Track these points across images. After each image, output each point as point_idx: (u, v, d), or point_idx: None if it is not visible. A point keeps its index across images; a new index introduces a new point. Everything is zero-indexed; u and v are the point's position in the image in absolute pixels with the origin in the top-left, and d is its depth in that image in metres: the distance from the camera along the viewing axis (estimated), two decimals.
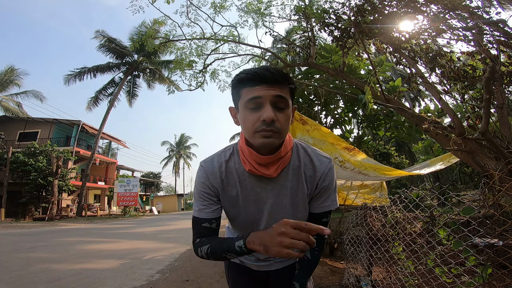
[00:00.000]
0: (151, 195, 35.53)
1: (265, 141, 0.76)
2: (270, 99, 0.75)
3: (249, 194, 0.89)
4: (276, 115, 0.75)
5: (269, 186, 0.88)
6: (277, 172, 0.84)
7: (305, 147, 0.93)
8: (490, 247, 1.84)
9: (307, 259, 0.93)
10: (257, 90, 0.76)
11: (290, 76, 0.82)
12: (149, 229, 11.47)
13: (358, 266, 3.06)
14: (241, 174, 0.88)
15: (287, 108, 0.79)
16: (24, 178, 17.01)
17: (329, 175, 0.90)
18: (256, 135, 0.77)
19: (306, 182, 0.89)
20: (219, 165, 0.89)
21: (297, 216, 0.92)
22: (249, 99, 0.76)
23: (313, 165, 0.89)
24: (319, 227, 0.65)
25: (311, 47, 4.32)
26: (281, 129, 0.77)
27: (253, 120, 0.77)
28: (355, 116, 6.02)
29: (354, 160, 3.15)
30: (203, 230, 0.90)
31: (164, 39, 5.22)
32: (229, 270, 1.09)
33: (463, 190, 12.02)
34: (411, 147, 18.70)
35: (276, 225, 0.68)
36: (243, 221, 0.94)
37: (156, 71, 23.83)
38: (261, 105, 0.76)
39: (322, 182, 0.89)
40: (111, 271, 4.06)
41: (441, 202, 1.92)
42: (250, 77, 0.77)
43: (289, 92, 0.80)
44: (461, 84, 2.88)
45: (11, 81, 21.69)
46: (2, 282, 3.43)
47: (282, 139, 0.80)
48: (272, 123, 0.75)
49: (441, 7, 2.90)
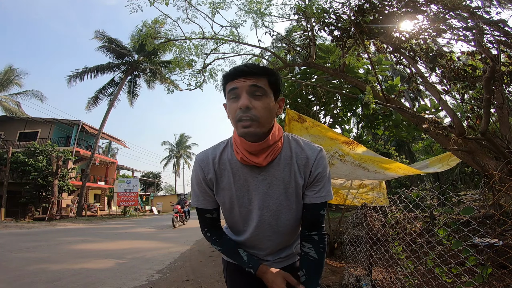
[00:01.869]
0: (151, 195, 35.53)
1: (245, 131, 0.82)
2: (246, 89, 0.83)
3: (242, 184, 0.92)
4: (252, 103, 0.82)
5: (260, 176, 0.91)
6: (267, 160, 0.88)
7: (296, 139, 0.96)
8: (490, 247, 1.84)
9: (313, 259, 0.92)
10: (235, 82, 0.84)
11: (269, 69, 0.89)
12: (149, 229, 11.48)
13: (358, 266, 3.06)
14: (234, 165, 0.92)
15: (265, 96, 0.84)
16: (24, 178, 17.01)
17: (321, 162, 0.91)
18: (238, 125, 0.84)
19: (299, 171, 0.91)
20: (213, 157, 0.94)
21: (291, 207, 0.94)
22: (229, 90, 0.85)
23: (305, 154, 0.91)
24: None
25: (311, 47, 4.32)
26: (258, 116, 0.82)
27: (234, 109, 0.84)
28: (354, 115, 6.01)
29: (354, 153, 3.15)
30: (208, 221, 0.99)
31: (164, 38, 5.22)
32: (227, 270, 1.09)
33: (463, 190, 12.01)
34: (411, 147, 18.68)
35: (284, 274, 0.92)
36: (237, 215, 0.96)
37: (157, 71, 23.83)
38: (239, 95, 0.84)
39: (316, 170, 0.91)
40: (111, 271, 4.06)
41: (441, 202, 1.92)
42: (230, 73, 0.86)
43: (267, 82, 0.86)
44: (461, 84, 2.88)
45: (10, 81, 21.69)
46: (2, 282, 3.43)
47: (262, 128, 0.84)
48: (248, 110, 0.81)
49: (441, 7, 2.89)
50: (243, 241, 1.00)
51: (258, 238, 0.97)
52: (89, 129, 23.01)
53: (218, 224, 1.02)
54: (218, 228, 1.02)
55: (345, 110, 5.83)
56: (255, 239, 0.97)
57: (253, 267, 0.92)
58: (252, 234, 0.96)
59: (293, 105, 5.67)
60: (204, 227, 1.01)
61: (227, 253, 1.00)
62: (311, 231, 0.95)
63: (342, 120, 5.96)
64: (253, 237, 0.97)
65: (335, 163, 3.29)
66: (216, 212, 0.99)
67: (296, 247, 1.06)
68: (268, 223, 0.94)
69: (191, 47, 5.00)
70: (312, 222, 0.95)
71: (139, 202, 25.84)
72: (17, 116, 21.41)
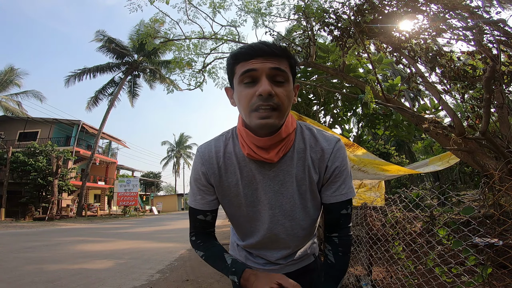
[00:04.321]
0: (151, 195, 35.55)
1: (263, 122, 0.69)
2: (267, 72, 0.69)
3: (250, 182, 0.80)
4: (274, 89, 0.68)
5: (271, 173, 0.79)
6: (278, 156, 0.76)
7: (310, 127, 0.84)
8: (490, 246, 1.83)
9: (330, 263, 0.81)
10: (252, 63, 0.69)
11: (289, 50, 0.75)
12: (149, 229, 11.48)
13: (358, 266, 3.06)
14: (241, 159, 0.80)
15: (287, 83, 0.72)
16: (24, 178, 17.04)
17: (339, 155, 0.79)
18: (252, 115, 0.70)
19: (313, 166, 0.79)
20: (216, 150, 0.82)
21: (306, 207, 0.83)
22: (243, 71, 0.70)
23: (320, 146, 0.79)
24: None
25: (311, 47, 4.31)
26: (280, 105, 0.69)
27: (249, 96, 0.69)
28: (355, 115, 6.01)
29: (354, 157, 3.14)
30: (197, 224, 0.85)
31: (164, 38, 5.22)
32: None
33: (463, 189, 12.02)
34: (411, 147, 18.71)
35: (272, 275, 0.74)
36: (244, 216, 0.85)
37: (156, 71, 23.84)
38: (257, 79, 0.69)
39: (332, 164, 0.78)
40: (111, 271, 4.06)
41: (441, 201, 1.92)
42: (244, 51, 0.70)
43: (288, 66, 0.73)
44: (461, 84, 2.88)
45: (11, 81, 21.69)
46: (2, 282, 3.43)
47: (282, 119, 0.72)
48: (270, 98, 0.68)
49: (441, 6, 2.89)
50: (252, 244, 0.89)
51: (270, 241, 0.86)
52: (89, 129, 23.02)
53: (211, 231, 0.89)
54: (209, 234, 0.88)
55: (345, 110, 5.83)
56: (267, 241, 0.86)
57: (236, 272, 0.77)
58: (263, 237, 0.85)
59: (293, 105, 5.65)
60: (192, 231, 0.87)
61: (210, 258, 0.84)
62: (331, 233, 0.84)
63: (342, 120, 5.95)
64: (265, 239, 0.86)
65: None
66: (211, 215, 0.85)
67: (311, 248, 0.96)
68: (281, 224, 0.83)
69: (191, 46, 5.01)
70: (332, 223, 0.83)
71: (139, 202, 25.86)
72: (17, 116, 21.41)
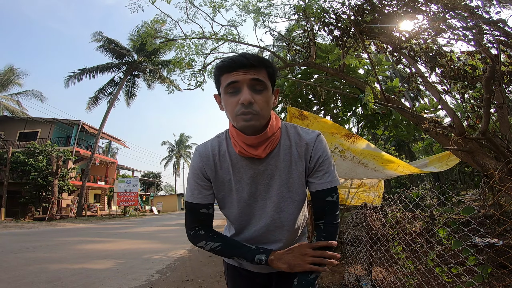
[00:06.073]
0: (151, 194, 35.53)
1: (246, 124, 0.80)
2: (247, 83, 0.80)
3: (242, 177, 0.90)
4: (254, 97, 0.80)
5: (261, 168, 0.89)
6: (266, 152, 0.86)
7: (294, 126, 0.94)
8: (490, 246, 1.84)
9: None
10: (235, 75, 0.80)
11: (267, 60, 0.86)
12: (149, 229, 11.48)
13: (358, 266, 3.06)
14: (234, 157, 0.90)
15: (266, 90, 0.83)
16: (24, 178, 17.04)
17: (321, 146, 0.90)
18: (237, 118, 0.81)
19: (300, 158, 0.89)
20: (212, 148, 0.92)
21: (294, 200, 0.91)
22: (227, 83, 0.81)
23: (304, 141, 0.90)
24: (326, 242, 0.87)
25: (311, 47, 4.31)
26: (259, 111, 0.80)
27: (233, 104, 0.81)
28: (354, 115, 6.01)
29: (354, 148, 3.14)
30: (202, 217, 0.92)
31: (164, 38, 5.22)
32: (228, 272, 1.06)
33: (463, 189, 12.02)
34: (411, 147, 18.70)
35: (296, 247, 0.86)
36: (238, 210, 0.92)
37: (156, 71, 23.84)
38: (239, 89, 0.80)
39: (315, 153, 0.89)
40: (111, 271, 4.06)
41: (441, 201, 1.92)
42: (227, 64, 0.81)
43: (266, 75, 0.84)
44: (461, 84, 2.88)
45: (11, 81, 21.70)
46: (2, 282, 3.43)
47: (262, 121, 0.83)
48: (250, 105, 0.79)
49: (441, 6, 2.89)
50: (247, 239, 0.95)
51: (261, 233, 0.93)
52: (89, 129, 23.02)
53: (212, 224, 0.95)
54: (212, 227, 0.95)
55: (345, 110, 5.82)
56: (257, 234, 0.93)
57: (266, 252, 0.86)
58: (255, 229, 0.92)
59: (293, 105, 5.66)
60: (196, 226, 0.92)
61: (229, 247, 0.89)
62: (318, 220, 0.91)
63: (342, 120, 5.95)
64: (256, 232, 0.93)
65: (335, 160, 3.29)
66: (212, 208, 0.93)
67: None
68: (271, 215, 0.90)
69: (191, 46, 5.01)
70: (319, 211, 0.90)
71: (139, 202, 25.86)
72: (17, 116, 21.42)
